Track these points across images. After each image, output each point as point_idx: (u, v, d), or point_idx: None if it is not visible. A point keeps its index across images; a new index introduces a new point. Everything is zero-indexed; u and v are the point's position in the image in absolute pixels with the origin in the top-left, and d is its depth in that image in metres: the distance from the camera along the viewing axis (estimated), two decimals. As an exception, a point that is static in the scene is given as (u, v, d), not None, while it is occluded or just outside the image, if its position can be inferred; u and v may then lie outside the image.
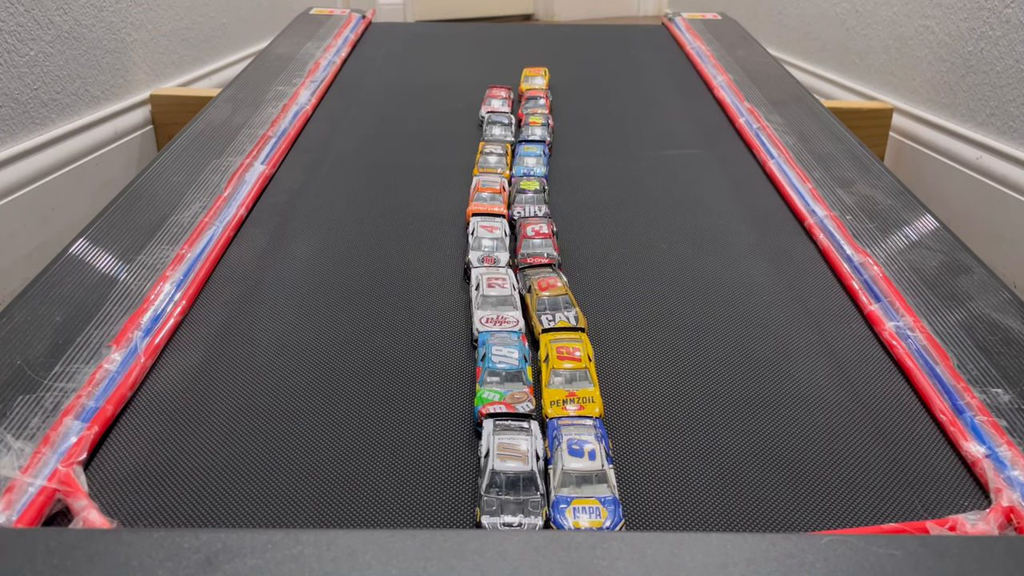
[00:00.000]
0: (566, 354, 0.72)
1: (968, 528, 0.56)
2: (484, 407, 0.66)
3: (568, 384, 0.69)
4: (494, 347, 0.73)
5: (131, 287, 0.83)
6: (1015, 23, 1.33)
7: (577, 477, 0.59)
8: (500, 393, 0.68)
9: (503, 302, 0.81)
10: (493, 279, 0.84)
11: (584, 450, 0.61)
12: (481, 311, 0.80)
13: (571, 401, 0.67)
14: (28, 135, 1.28)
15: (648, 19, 3.74)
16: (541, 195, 1.06)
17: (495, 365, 0.71)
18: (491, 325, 0.77)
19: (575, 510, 0.57)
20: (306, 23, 1.93)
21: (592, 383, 0.69)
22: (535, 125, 1.30)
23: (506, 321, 0.77)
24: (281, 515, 0.59)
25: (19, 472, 0.58)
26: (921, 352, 0.75)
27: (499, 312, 0.79)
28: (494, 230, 0.95)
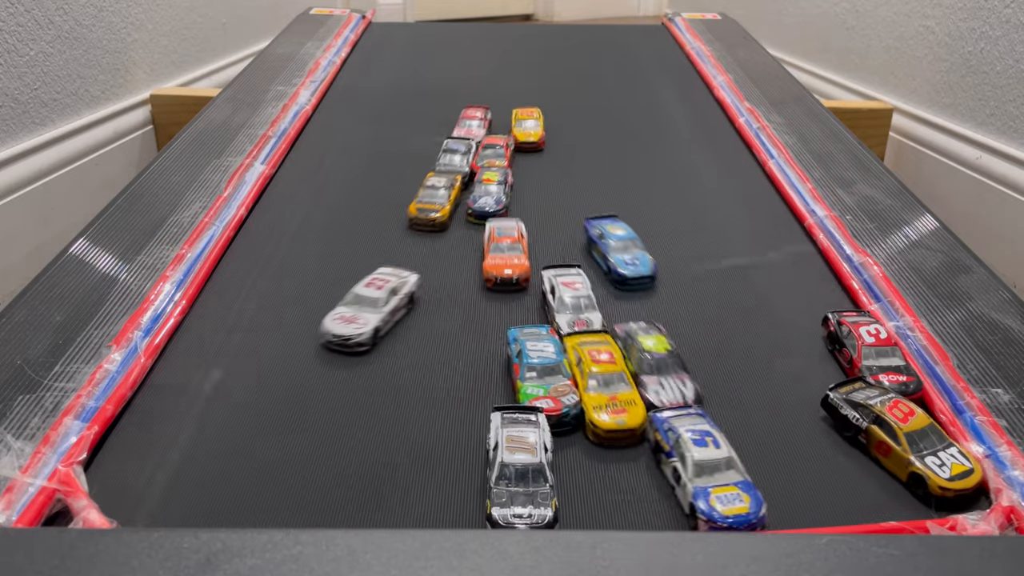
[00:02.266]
0: (600, 358, 0.70)
1: (968, 528, 0.56)
2: (530, 403, 0.66)
3: (606, 387, 0.68)
4: (528, 342, 0.73)
5: (131, 287, 0.83)
6: (1015, 23, 1.33)
7: (709, 466, 0.60)
8: (543, 387, 0.68)
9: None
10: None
11: (707, 440, 0.61)
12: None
13: (612, 405, 0.66)
14: (28, 135, 1.27)
15: (648, 19, 3.74)
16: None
17: (532, 360, 0.70)
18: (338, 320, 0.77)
19: (718, 499, 0.57)
20: (306, 23, 1.93)
21: (630, 385, 0.68)
22: (489, 183, 1.06)
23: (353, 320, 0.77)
24: (281, 515, 0.59)
25: (19, 472, 0.58)
26: (921, 352, 0.75)
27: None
28: (576, 286, 0.82)
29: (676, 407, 0.66)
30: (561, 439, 0.66)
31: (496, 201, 1.03)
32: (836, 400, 0.67)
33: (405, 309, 0.83)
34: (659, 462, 0.63)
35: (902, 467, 0.62)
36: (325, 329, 0.77)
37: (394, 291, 0.82)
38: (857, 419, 0.65)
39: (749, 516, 0.57)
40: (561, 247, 0.98)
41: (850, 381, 0.69)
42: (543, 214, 1.06)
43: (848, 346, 0.75)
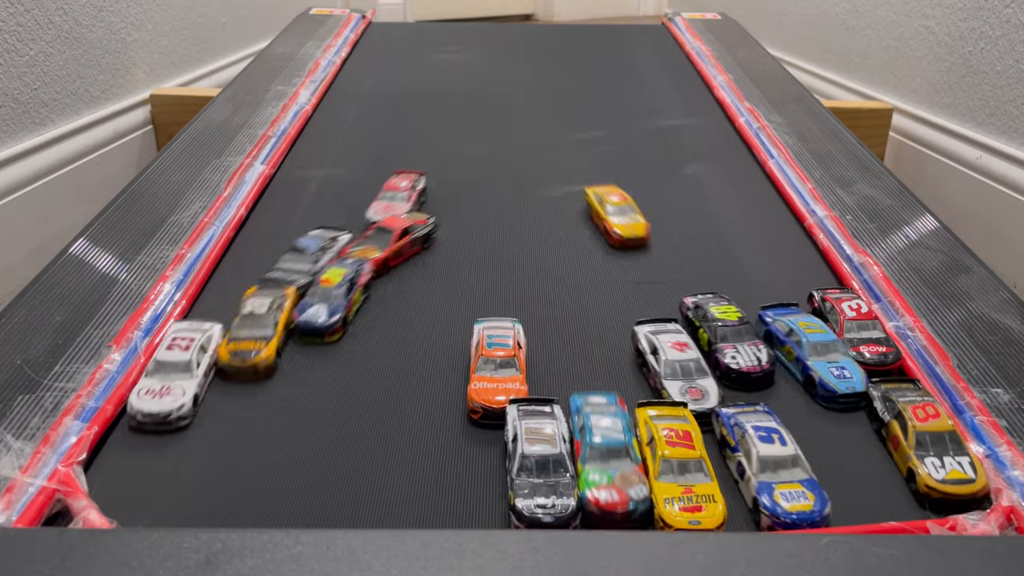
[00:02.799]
0: (676, 439, 0.61)
1: (968, 528, 0.56)
2: (591, 491, 0.57)
3: (681, 476, 0.59)
4: (592, 416, 0.63)
5: (131, 287, 0.83)
6: (1015, 23, 1.33)
7: (774, 462, 0.60)
8: (608, 475, 0.59)
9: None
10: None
11: (773, 436, 0.61)
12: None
13: (687, 499, 0.57)
14: (28, 135, 1.27)
15: (648, 19, 3.74)
16: None
17: (596, 440, 0.61)
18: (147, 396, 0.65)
19: (782, 495, 0.57)
20: (306, 23, 1.93)
21: (710, 476, 0.59)
22: (327, 285, 0.81)
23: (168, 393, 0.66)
24: (281, 515, 0.59)
25: (19, 472, 0.58)
26: (921, 352, 0.75)
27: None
28: (686, 348, 0.72)
29: (741, 405, 0.66)
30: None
31: (331, 311, 0.78)
32: (872, 392, 0.68)
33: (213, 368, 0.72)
34: (724, 457, 0.64)
35: (903, 462, 0.63)
36: (134, 409, 0.66)
37: (203, 348, 0.72)
38: (882, 412, 0.66)
39: (813, 514, 0.56)
40: (567, 250, 0.98)
41: (903, 380, 0.70)
42: (544, 214, 1.06)
43: (831, 320, 0.78)
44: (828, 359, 0.72)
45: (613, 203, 1.00)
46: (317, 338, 0.77)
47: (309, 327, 0.77)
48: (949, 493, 0.59)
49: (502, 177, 1.18)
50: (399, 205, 1.00)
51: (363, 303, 0.83)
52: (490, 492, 0.61)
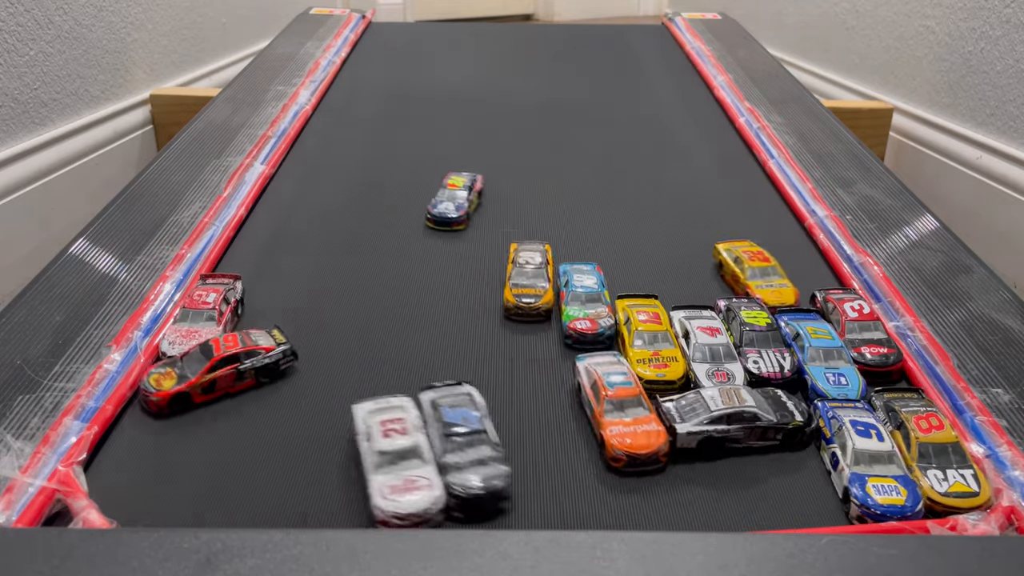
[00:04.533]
0: (647, 318, 0.76)
1: (969, 528, 0.56)
2: (571, 323, 0.77)
3: (650, 345, 0.74)
4: (575, 275, 0.84)
5: (131, 287, 0.83)
6: (1015, 23, 1.33)
7: (869, 456, 0.61)
8: (584, 311, 0.79)
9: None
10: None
11: (871, 432, 0.62)
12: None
13: (655, 360, 0.72)
14: (28, 135, 1.27)
15: (648, 19, 3.74)
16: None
17: (577, 288, 0.81)
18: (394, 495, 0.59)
19: (875, 488, 0.58)
20: (306, 23, 1.93)
21: (673, 344, 0.74)
22: (454, 188, 1.05)
23: (415, 489, 0.60)
24: (281, 515, 0.59)
25: (19, 472, 0.58)
26: (921, 352, 0.75)
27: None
28: (716, 334, 0.75)
29: (842, 400, 0.68)
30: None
31: (457, 207, 1.01)
32: (876, 401, 0.68)
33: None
34: (819, 448, 0.65)
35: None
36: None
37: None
38: (884, 422, 0.66)
39: (904, 508, 0.57)
40: (566, 248, 0.98)
41: (906, 390, 0.69)
42: (544, 215, 1.06)
43: (833, 321, 0.78)
44: (828, 365, 0.72)
45: (753, 264, 0.87)
46: (444, 227, 1.01)
47: (442, 218, 1.01)
48: (952, 506, 0.58)
49: (502, 176, 1.18)
50: (203, 329, 0.76)
51: (479, 205, 1.07)
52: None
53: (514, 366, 0.75)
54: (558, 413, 0.69)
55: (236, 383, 0.70)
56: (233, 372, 0.70)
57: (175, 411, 0.67)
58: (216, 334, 0.75)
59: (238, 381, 0.70)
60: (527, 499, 0.60)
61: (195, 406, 0.68)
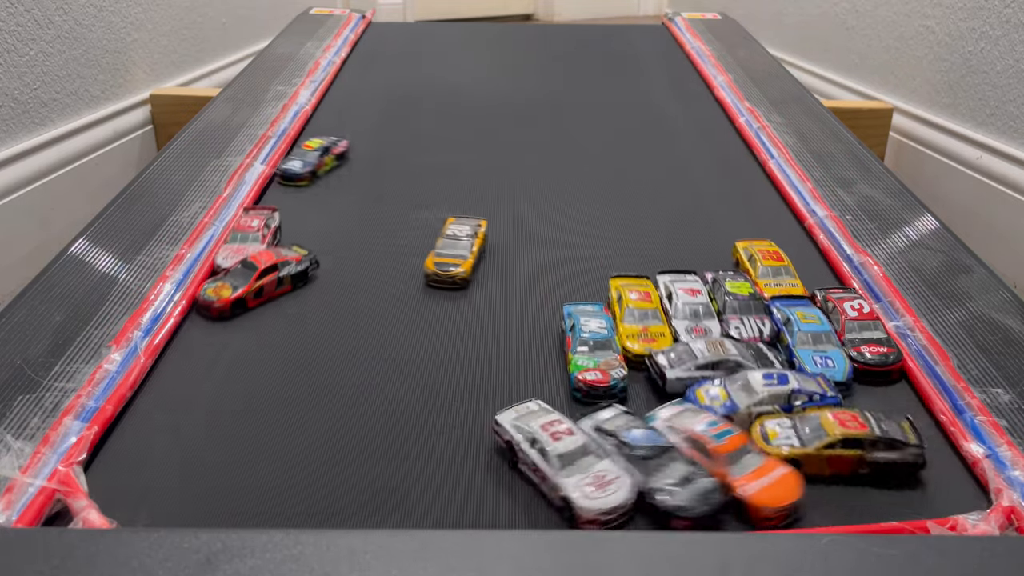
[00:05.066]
0: (638, 296, 0.80)
1: (969, 528, 0.56)
2: (580, 373, 0.70)
3: (640, 321, 0.78)
4: (581, 318, 0.76)
5: (131, 287, 0.83)
6: (1015, 23, 1.33)
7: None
8: (593, 360, 0.72)
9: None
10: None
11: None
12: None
13: (644, 335, 0.76)
14: (28, 135, 1.27)
15: (648, 19, 3.74)
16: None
17: (584, 334, 0.74)
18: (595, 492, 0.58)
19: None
20: (306, 23, 1.93)
21: (662, 321, 0.78)
22: (308, 149, 1.16)
23: (607, 483, 0.59)
24: (281, 515, 0.59)
25: (19, 472, 0.58)
26: (921, 352, 0.75)
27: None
28: (696, 294, 0.81)
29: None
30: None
31: (304, 165, 1.12)
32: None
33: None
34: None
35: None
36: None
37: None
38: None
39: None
40: (563, 250, 0.98)
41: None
42: (544, 216, 1.06)
43: (833, 320, 0.79)
44: (816, 348, 0.74)
45: (766, 263, 0.89)
46: (290, 183, 1.11)
47: (289, 173, 1.11)
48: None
49: (502, 176, 1.18)
50: (251, 247, 0.91)
51: (334, 167, 1.16)
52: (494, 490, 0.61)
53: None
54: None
55: (278, 288, 0.86)
56: (275, 280, 0.85)
57: (235, 314, 0.82)
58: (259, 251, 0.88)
59: (279, 287, 0.86)
60: (527, 498, 0.60)
61: (248, 309, 0.83)
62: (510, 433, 0.62)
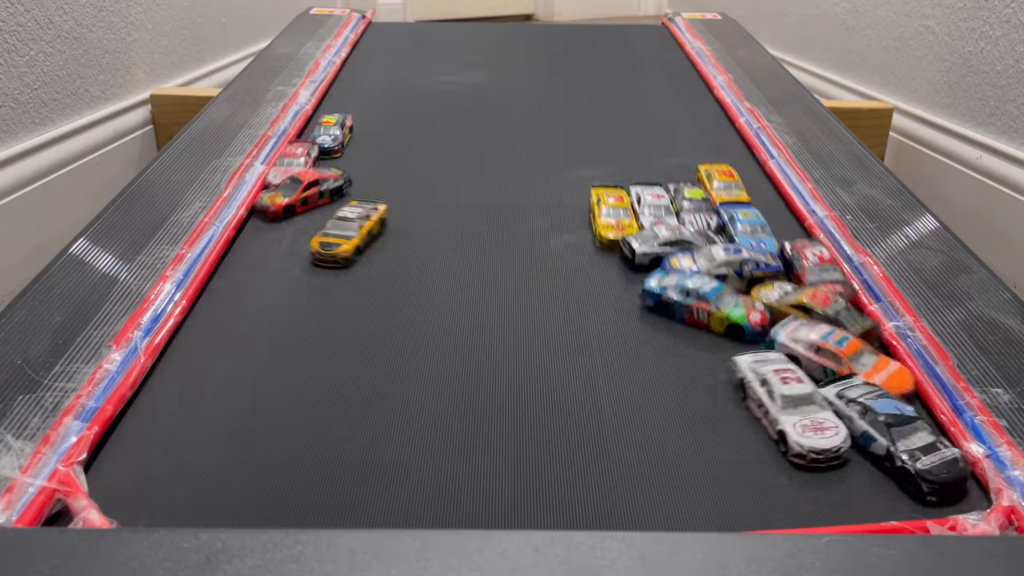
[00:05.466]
0: (612, 199, 1.03)
1: (969, 528, 0.56)
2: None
3: (614, 217, 1.00)
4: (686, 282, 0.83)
5: (131, 287, 0.83)
6: (1015, 23, 1.33)
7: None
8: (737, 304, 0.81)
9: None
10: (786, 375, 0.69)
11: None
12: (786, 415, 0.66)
13: (617, 227, 0.98)
14: (28, 135, 1.27)
15: (648, 19, 3.74)
16: None
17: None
18: (809, 433, 0.63)
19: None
20: (306, 23, 1.93)
21: (631, 216, 1.00)
22: (328, 124, 1.28)
23: (824, 429, 0.64)
24: (281, 515, 0.59)
25: (19, 472, 0.58)
26: (921, 352, 0.75)
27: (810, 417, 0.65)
28: (660, 198, 1.04)
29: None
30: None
31: (333, 139, 1.23)
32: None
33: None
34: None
35: None
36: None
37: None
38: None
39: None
40: (573, 249, 0.98)
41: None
42: (544, 214, 1.06)
43: (796, 266, 0.89)
44: (753, 236, 0.95)
45: (720, 178, 1.12)
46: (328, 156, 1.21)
47: (322, 148, 1.21)
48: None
49: (502, 175, 1.18)
50: (295, 169, 1.14)
51: (351, 138, 1.28)
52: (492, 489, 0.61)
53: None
54: (575, 406, 0.69)
55: (320, 200, 1.06)
56: (317, 192, 1.05)
57: (286, 217, 1.02)
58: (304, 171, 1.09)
59: (320, 199, 1.06)
60: (528, 498, 0.60)
61: (296, 215, 1.03)
62: (743, 372, 0.70)
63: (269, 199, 1.02)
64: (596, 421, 0.68)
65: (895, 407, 0.64)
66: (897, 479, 0.61)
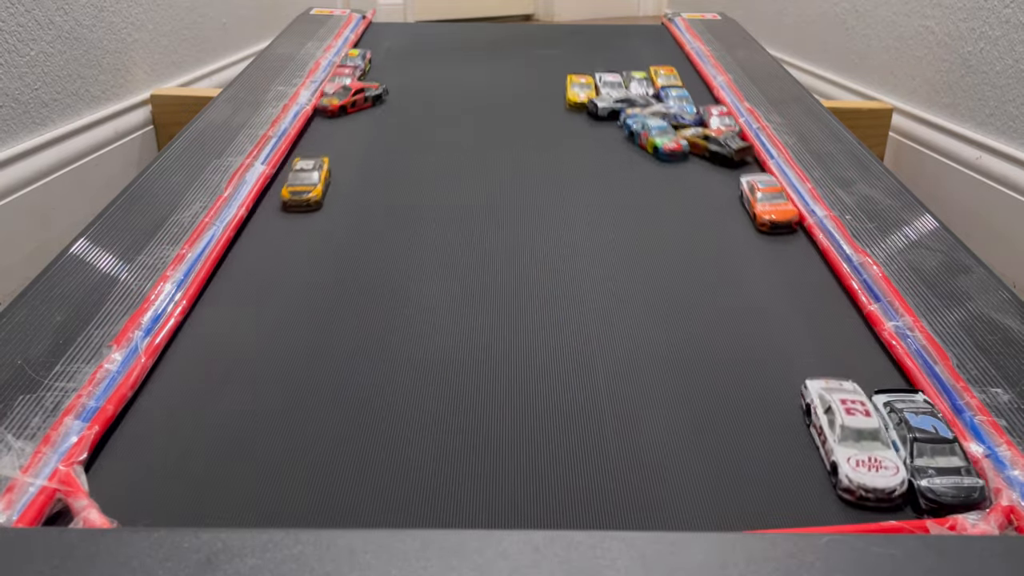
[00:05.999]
0: (585, 80, 1.53)
1: (968, 528, 0.56)
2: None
3: (583, 90, 1.47)
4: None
5: (131, 287, 0.83)
6: (1015, 23, 1.33)
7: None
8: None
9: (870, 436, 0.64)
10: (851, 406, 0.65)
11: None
12: (845, 448, 0.63)
13: (584, 96, 1.46)
14: (29, 135, 1.28)
15: (648, 19, 3.74)
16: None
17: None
18: (862, 469, 0.60)
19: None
20: (306, 23, 1.93)
21: (593, 88, 1.50)
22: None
23: (881, 467, 0.61)
24: (281, 515, 0.59)
25: (20, 472, 0.58)
26: (921, 352, 0.75)
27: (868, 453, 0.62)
28: (615, 77, 1.50)
29: None
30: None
31: (356, 68, 1.61)
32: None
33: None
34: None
35: None
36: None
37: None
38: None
39: None
40: (567, 235, 0.98)
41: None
42: (544, 213, 1.06)
43: (705, 118, 1.32)
44: (679, 103, 1.42)
45: (665, 73, 1.58)
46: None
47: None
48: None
49: (501, 175, 1.18)
50: (346, 81, 1.51)
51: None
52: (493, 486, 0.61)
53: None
54: (583, 393, 0.69)
55: (364, 103, 1.43)
56: (363, 97, 1.43)
57: (339, 115, 1.39)
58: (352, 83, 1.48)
59: (365, 103, 1.43)
60: (526, 497, 0.60)
61: (348, 114, 1.40)
62: (811, 396, 0.68)
63: (327, 101, 1.38)
64: (596, 421, 0.68)
65: (932, 425, 0.63)
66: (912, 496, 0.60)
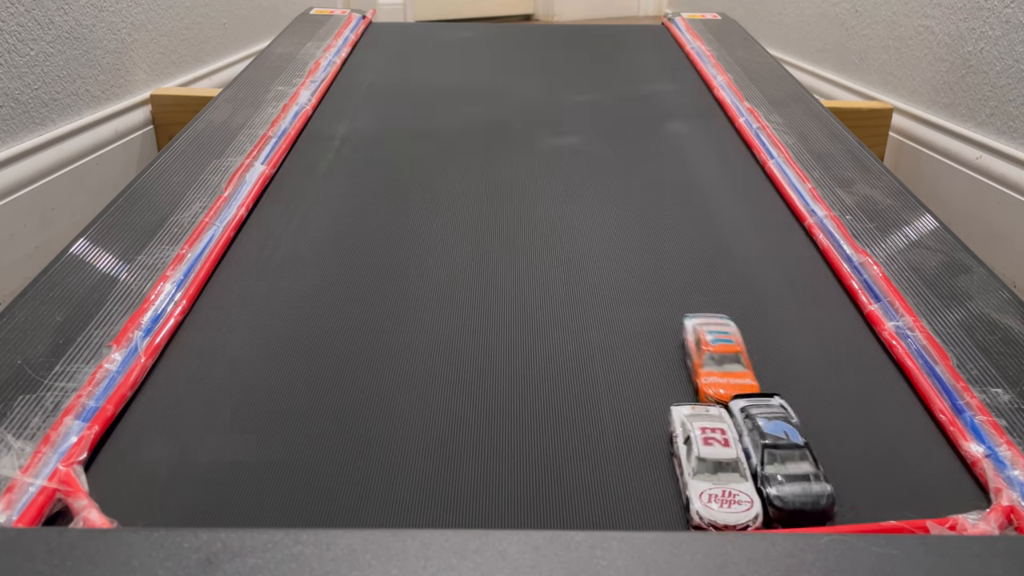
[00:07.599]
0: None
1: (968, 528, 0.56)
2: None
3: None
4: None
5: (131, 287, 0.83)
6: (1015, 23, 1.33)
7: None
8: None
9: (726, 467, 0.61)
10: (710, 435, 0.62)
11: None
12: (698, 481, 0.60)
13: None
14: (28, 135, 1.28)
15: (648, 19, 3.74)
16: None
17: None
18: (714, 505, 0.58)
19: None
20: (306, 23, 1.93)
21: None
22: None
23: (734, 502, 0.58)
24: (281, 515, 0.59)
25: (19, 472, 0.58)
26: (921, 352, 0.75)
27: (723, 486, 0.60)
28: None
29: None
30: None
31: None
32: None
33: None
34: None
35: None
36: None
37: None
38: None
39: None
40: (563, 247, 0.98)
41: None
42: (544, 212, 1.06)
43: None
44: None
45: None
46: None
47: None
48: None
49: (501, 175, 1.18)
50: None
51: None
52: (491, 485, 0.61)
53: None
54: (572, 404, 0.69)
55: None
56: None
57: None
58: None
59: None
60: (528, 498, 0.60)
61: None
62: (673, 425, 0.65)
63: None
64: (597, 421, 0.68)
65: (784, 431, 0.61)
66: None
